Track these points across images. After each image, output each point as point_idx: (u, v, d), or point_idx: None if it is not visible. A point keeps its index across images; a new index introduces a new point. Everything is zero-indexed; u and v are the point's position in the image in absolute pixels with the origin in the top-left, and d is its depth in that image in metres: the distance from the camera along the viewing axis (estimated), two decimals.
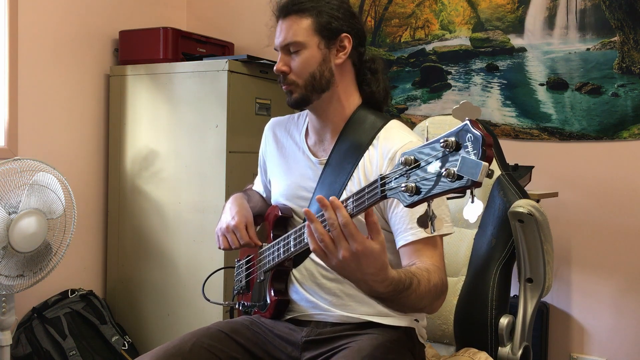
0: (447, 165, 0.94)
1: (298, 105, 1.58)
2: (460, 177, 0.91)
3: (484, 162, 0.88)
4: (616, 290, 2.62)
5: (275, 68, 1.56)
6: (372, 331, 1.49)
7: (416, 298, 1.26)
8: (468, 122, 0.93)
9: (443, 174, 0.94)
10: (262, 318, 1.63)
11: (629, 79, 2.55)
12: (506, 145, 2.04)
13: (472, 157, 0.90)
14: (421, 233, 1.39)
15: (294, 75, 1.55)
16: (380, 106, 1.64)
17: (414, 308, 1.32)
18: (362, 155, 1.53)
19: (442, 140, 0.95)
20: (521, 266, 1.67)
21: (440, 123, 1.91)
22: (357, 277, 1.16)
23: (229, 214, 1.66)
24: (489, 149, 0.90)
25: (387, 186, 1.08)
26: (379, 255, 1.14)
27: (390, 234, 1.48)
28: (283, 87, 1.58)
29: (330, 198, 1.15)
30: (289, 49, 1.54)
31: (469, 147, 0.91)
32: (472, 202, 0.91)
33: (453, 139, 0.94)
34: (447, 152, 0.95)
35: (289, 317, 1.60)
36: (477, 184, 0.90)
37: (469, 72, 2.83)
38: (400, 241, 1.44)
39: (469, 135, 0.92)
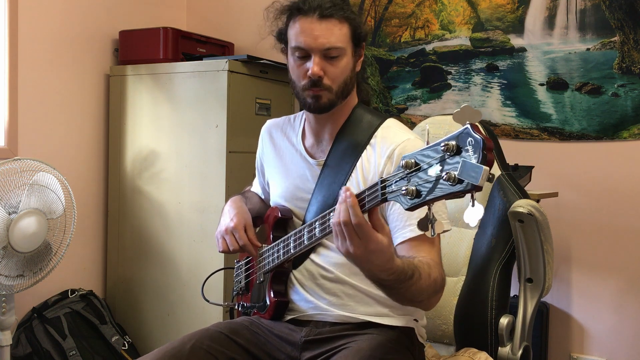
0: (448, 168, 0.94)
1: (325, 110, 1.53)
2: (460, 181, 0.91)
3: (484, 166, 0.88)
4: (616, 290, 2.62)
5: (312, 72, 1.47)
6: (372, 331, 1.50)
7: (416, 290, 1.29)
8: (469, 125, 0.93)
9: (443, 178, 0.94)
10: (262, 318, 1.63)
11: (629, 79, 2.55)
12: (506, 145, 2.03)
13: (473, 160, 0.90)
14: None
15: (329, 81, 1.49)
16: (369, 102, 1.66)
17: (412, 300, 1.34)
18: (360, 155, 1.53)
19: (442, 144, 0.95)
20: (521, 266, 1.67)
21: (440, 123, 1.91)
22: (364, 266, 1.20)
23: (228, 216, 1.65)
24: (490, 153, 0.90)
25: (387, 189, 1.08)
26: (388, 248, 1.17)
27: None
28: (310, 92, 1.50)
29: (348, 192, 1.16)
30: (329, 53, 1.48)
31: (470, 150, 0.91)
32: (473, 206, 0.91)
33: (454, 142, 0.94)
34: (447, 156, 0.95)
35: (288, 317, 1.60)
36: (478, 188, 0.90)
37: (469, 72, 2.83)
38: (398, 238, 1.44)
39: (469, 139, 0.92)
